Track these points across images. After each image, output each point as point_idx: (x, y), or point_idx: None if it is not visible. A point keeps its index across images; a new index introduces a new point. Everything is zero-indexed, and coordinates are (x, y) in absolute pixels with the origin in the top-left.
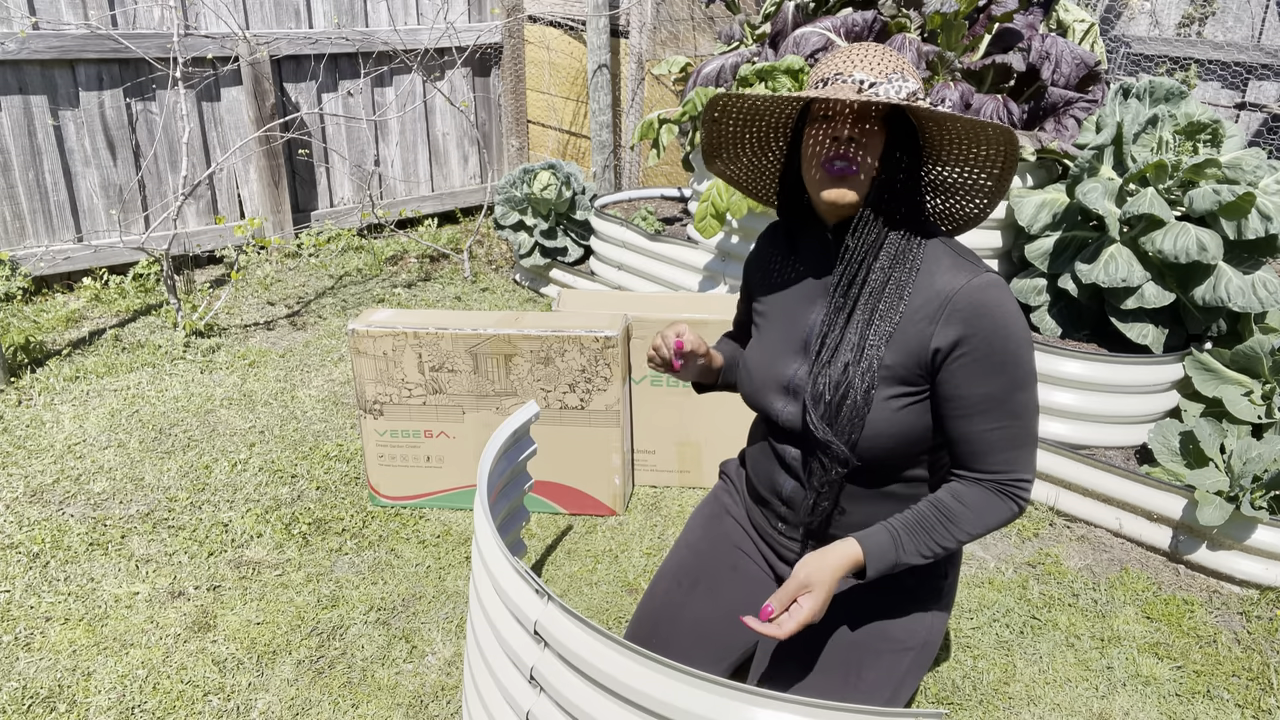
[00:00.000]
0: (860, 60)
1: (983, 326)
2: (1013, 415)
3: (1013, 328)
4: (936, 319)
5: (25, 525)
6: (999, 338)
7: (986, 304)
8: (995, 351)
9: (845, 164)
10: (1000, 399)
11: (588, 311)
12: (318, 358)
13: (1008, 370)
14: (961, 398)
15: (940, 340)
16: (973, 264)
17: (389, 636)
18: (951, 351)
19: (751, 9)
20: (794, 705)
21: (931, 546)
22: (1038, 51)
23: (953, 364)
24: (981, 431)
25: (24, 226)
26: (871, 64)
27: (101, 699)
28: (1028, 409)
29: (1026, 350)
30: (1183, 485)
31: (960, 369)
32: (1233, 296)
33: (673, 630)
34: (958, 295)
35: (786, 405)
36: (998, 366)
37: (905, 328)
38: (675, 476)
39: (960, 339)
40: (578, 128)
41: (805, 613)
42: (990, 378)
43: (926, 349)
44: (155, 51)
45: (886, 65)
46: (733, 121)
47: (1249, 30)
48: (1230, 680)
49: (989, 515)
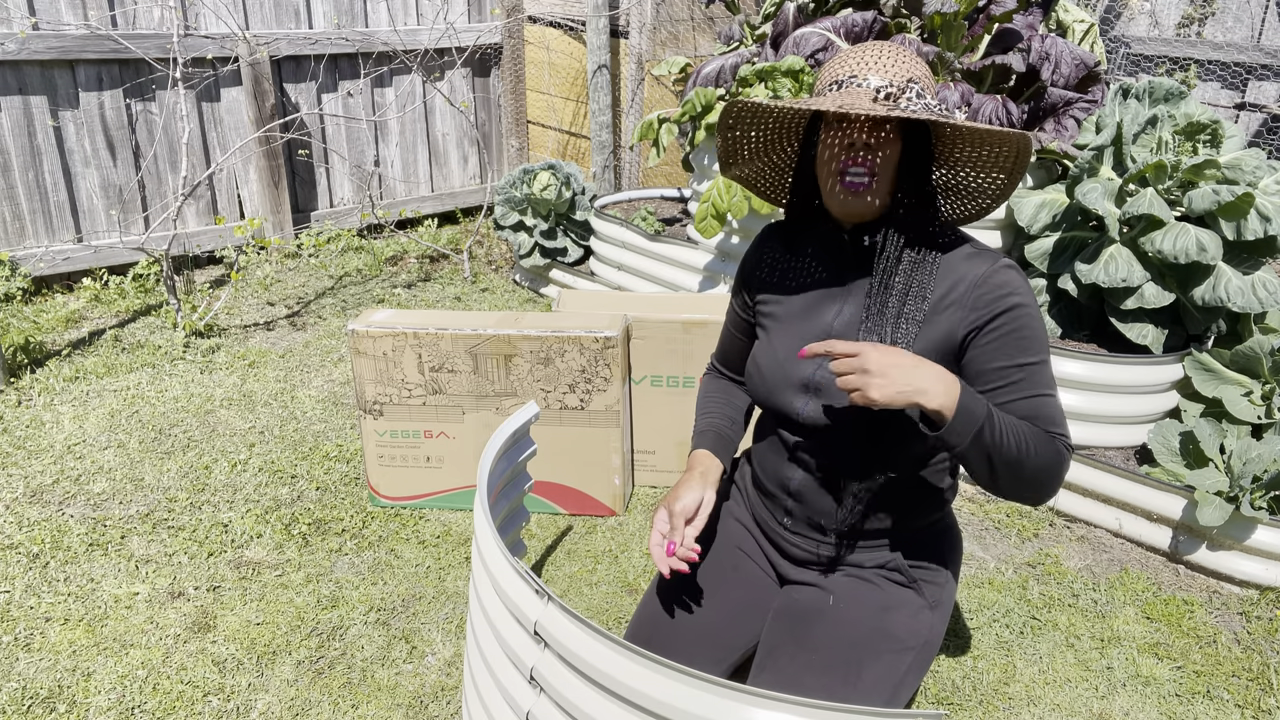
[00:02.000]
0: (875, 62)
1: (1011, 306)
2: (1043, 385)
3: (1034, 307)
4: (965, 304)
5: (25, 525)
6: (1025, 316)
7: (1011, 285)
8: (1024, 328)
9: (861, 174)
10: (1032, 370)
11: (588, 312)
12: (317, 358)
13: (1034, 346)
14: (996, 370)
15: (971, 323)
16: (987, 251)
17: (389, 637)
18: (983, 329)
19: (751, 9)
20: (794, 705)
21: (1006, 435)
22: (1037, 52)
23: (985, 340)
24: (1017, 400)
25: (24, 227)
26: (886, 67)
27: (101, 699)
28: (1051, 381)
29: (1044, 327)
30: (1183, 485)
31: (993, 344)
32: (1232, 297)
33: (672, 632)
34: (985, 280)
35: (807, 404)
36: (1029, 340)
37: (931, 317)
38: (675, 476)
39: (991, 318)
40: (577, 128)
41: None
42: (1023, 351)
43: (956, 334)
44: (155, 52)
45: (902, 69)
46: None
47: (1249, 30)
48: (1230, 680)
49: (1045, 445)
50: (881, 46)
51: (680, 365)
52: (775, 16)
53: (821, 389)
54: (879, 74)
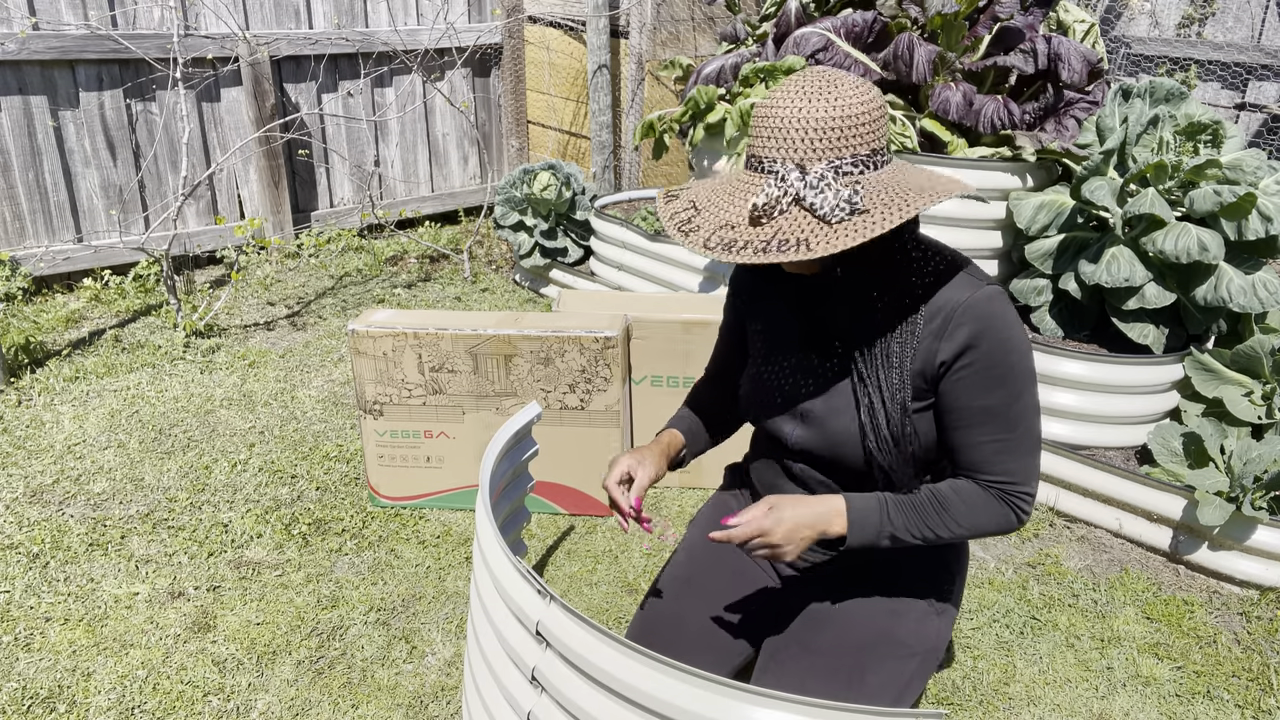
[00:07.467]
0: (797, 127)
1: (986, 339)
2: (1011, 426)
3: (1014, 339)
4: (941, 334)
5: (25, 525)
6: (1001, 350)
7: (990, 316)
8: (996, 364)
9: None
10: (999, 411)
11: (588, 312)
12: (318, 358)
13: (1008, 382)
14: (961, 409)
15: (945, 353)
16: (973, 275)
17: (389, 637)
18: (954, 363)
19: (752, 9)
20: (797, 705)
21: (921, 529)
22: (1050, 51)
23: (954, 376)
24: (980, 443)
25: (24, 227)
26: (811, 136)
27: (101, 699)
28: (1026, 414)
29: (1027, 358)
30: (1183, 486)
31: (961, 381)
32: (1234, 296)
33: (674, 634)
34: (962, 310)
35: (796, 429)
36: (999, 379)
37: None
38: (675, 477)
39: (963, 351)
40: (578, 128)
41: (754, 525)
42: (990, 390)
43: (933, 363)
44: (155, 52)
45: (828, 140)
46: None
47: (1249, 31)
48: (1230, 681)
49: (983, 514)
50: (815, 94)
51: (680, 365)
52: (777, 16)
53: (809, 416)
54: (795, 149)
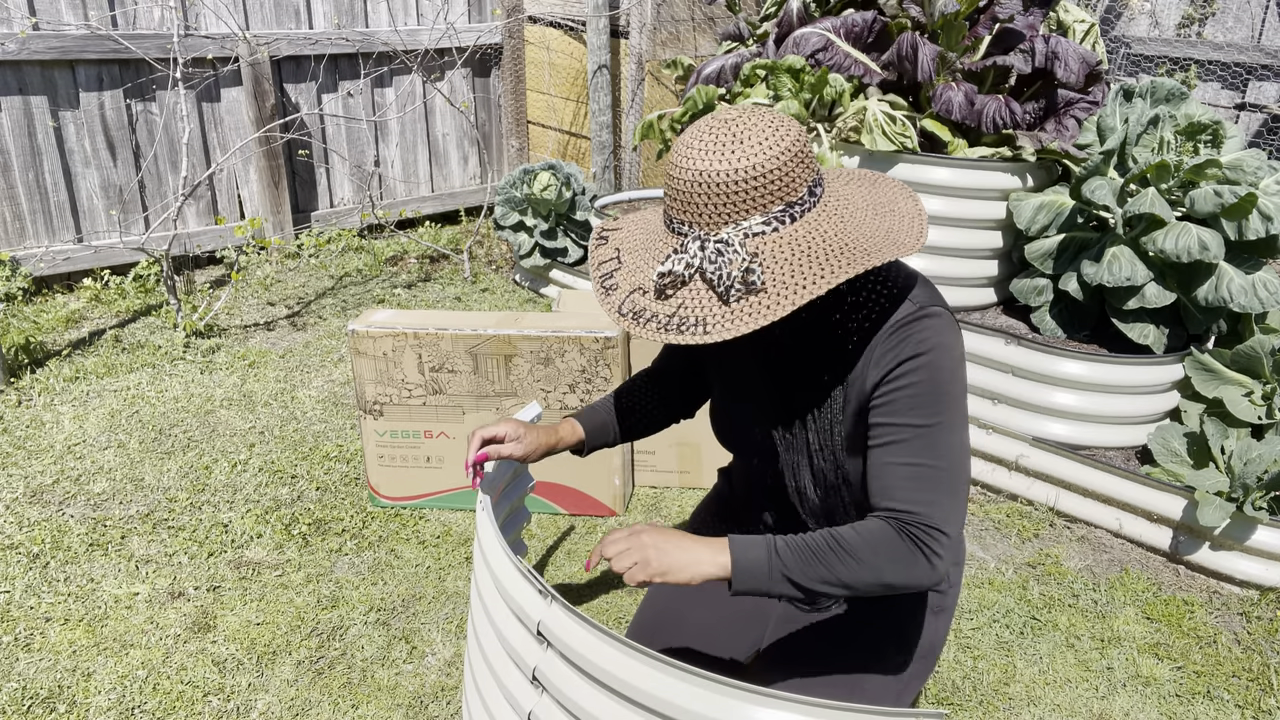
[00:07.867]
0: (700, 188)
1: (912, 359)
2: (933, 453)
3: (946, 364)
4: (874, 352)
5: (25, 526)
6: (929, 369)
7: (921, 335)
8: (920, 383)
9: None
10: (921, 432)
11: (588, 312)
12: (318, 358)
13: (936, 404)
14: (882, 425)
15: (875, 373)
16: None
17: (389, 637)
18: (882, 381)
19: (752, 9)
20: (797, 704)
21: (819, 573)
22: (1048, 51)
23: (881, 393)
24: (894, 464)
25: (24, 227)
26: (715, 199)
27: (101, 699)
28: (953, 449)
29: (959, 392)
30: (1183, 486)
31: (885, 397)
32: (1235, 296)
33: (674, 636)
34: (897, 328)
35: (759, 462)
36: (927, 398)
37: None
38: (675, 477)
39: (892, 368)
40: (578, 128)
41: (612, 537)
42: (915, 409)
43: (868, 385)
44: (155, 52)
45: (732, 202)
46: None
47: (1249, 31)
48: (1230, 681)
49: (885, 556)
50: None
51: None
52: (777, 16)
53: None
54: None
